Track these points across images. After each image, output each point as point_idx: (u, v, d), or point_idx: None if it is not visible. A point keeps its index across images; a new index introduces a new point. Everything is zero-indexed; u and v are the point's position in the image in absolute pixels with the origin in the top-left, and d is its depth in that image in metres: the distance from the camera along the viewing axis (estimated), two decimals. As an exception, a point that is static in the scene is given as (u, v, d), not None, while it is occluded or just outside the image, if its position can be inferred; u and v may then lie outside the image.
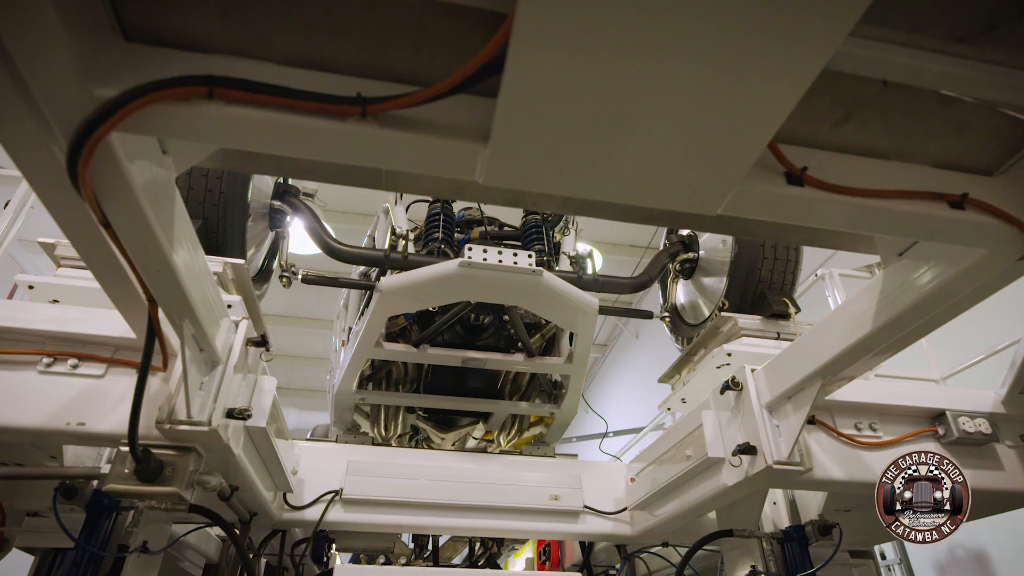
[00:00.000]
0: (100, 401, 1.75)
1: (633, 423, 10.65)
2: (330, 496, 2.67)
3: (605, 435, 4.92)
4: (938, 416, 2.19)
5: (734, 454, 1.98)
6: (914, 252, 1.45)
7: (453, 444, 3.92)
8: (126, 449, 1.62)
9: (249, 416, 1.75)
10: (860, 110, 1.13)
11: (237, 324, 1.84)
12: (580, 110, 0.94)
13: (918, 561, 5.72)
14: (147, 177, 1.18)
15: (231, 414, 1.71)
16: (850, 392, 2.14)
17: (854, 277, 4.45)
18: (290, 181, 3.19)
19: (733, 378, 2.09)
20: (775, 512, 2.68)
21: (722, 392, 2.14)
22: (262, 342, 1.87)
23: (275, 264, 3.02)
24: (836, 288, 4.31)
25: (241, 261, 2.29)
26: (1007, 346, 3.79)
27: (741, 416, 2.07)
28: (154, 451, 1.68)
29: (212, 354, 1.70)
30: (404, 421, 3.80)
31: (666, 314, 3.50)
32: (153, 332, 1.52)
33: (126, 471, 1.64)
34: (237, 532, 2.36)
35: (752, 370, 2.08)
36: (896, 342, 1.59)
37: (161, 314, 1.60)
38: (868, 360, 1.71)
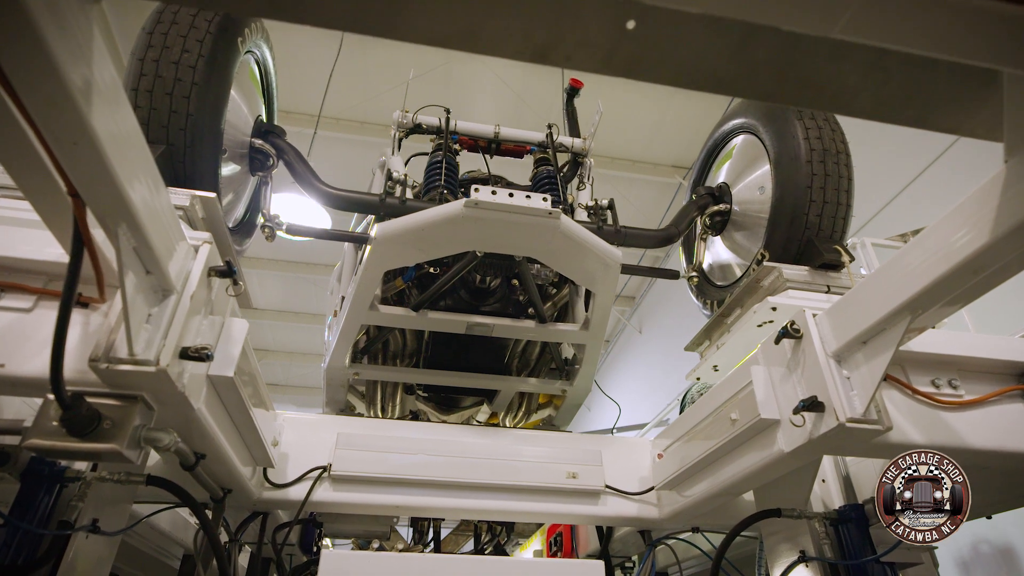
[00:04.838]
0: (26, 339, 1.43)
1: (636, 420, 10.40)
2: (317, 472, 2.34)
3: (616, 425, 4.59)
4: (1028, 372, 1.88)
5: (796, 412, 1.65)
6: (1054, 132, 1.13)
7: (456, 427, 3.59)
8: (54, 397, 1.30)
9: (209, 357, 1.42)
10: None
11: (197, 249, 1.51)
12: None
13: (941, 558, 5.43)
14: (48, -4, 0.86)
15: (185, 354, 1.39)
16: (925, 343, 1.83)
17: (886, 246, 4.17)
18: (275, 120, 2.87)
19: (792, 323, 1.77)
20: (824, 490, 2.35)
21: (777, 342, 1.81)
22: (228, 271, 1.54)
23: (258, 218, 2.69)
24: (869, 258, 4.03)
25: (212, 194, 1.96)
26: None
27: (801, 369, 1.75)
28: (92, 400, 1.36)
29: (163, 279, 1.38)
30: (403, 403, 3.47)
31: (693, 274, 3.17)
32: (80, 239, 1.19)
33: (53, 423, 1.31)
34: (209, 513, 2.04)
35: (814, 315, 1.76)
36: (1016, 260, 1.27)
37: (100, 236, 1.30)
38: (971, 289, 1.39)
